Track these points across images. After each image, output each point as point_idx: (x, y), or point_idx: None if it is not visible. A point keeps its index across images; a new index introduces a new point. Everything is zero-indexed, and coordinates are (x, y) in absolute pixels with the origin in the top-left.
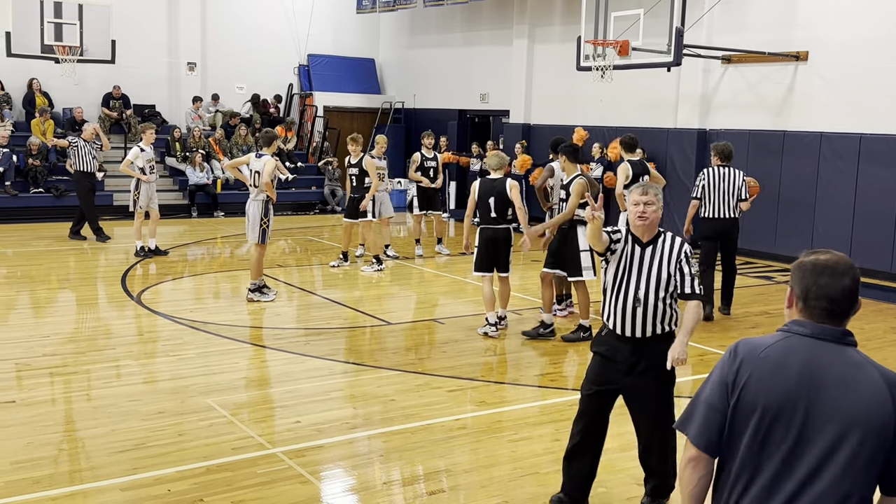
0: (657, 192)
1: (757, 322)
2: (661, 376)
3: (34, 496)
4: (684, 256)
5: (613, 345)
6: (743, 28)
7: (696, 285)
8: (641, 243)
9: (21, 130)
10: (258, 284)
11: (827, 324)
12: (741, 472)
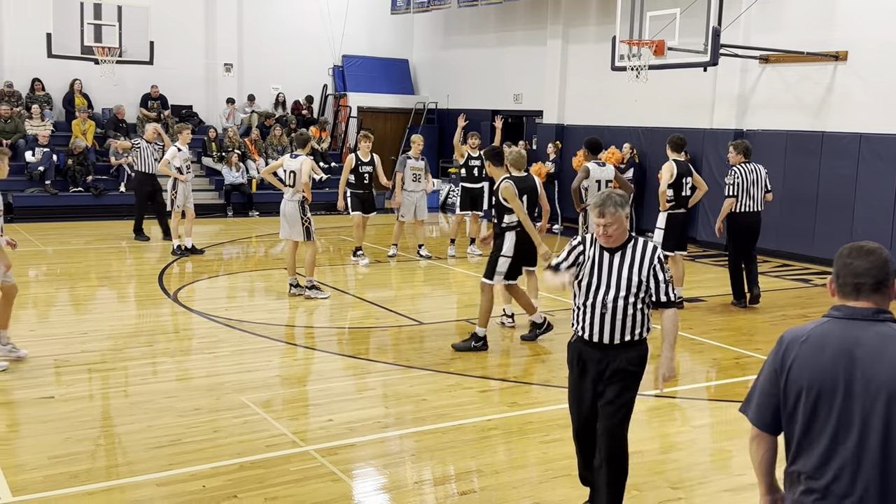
0: (615, 208)
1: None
2: (625, 385)
3: (72, 490)
4: (658, 263)
5: (582, 350)
6: (781, 27)
7: (671, 292)
8: (609, 249)
9: (61, 130)
10: (313, 282)
11: (859, 302)
12: (800, 446)
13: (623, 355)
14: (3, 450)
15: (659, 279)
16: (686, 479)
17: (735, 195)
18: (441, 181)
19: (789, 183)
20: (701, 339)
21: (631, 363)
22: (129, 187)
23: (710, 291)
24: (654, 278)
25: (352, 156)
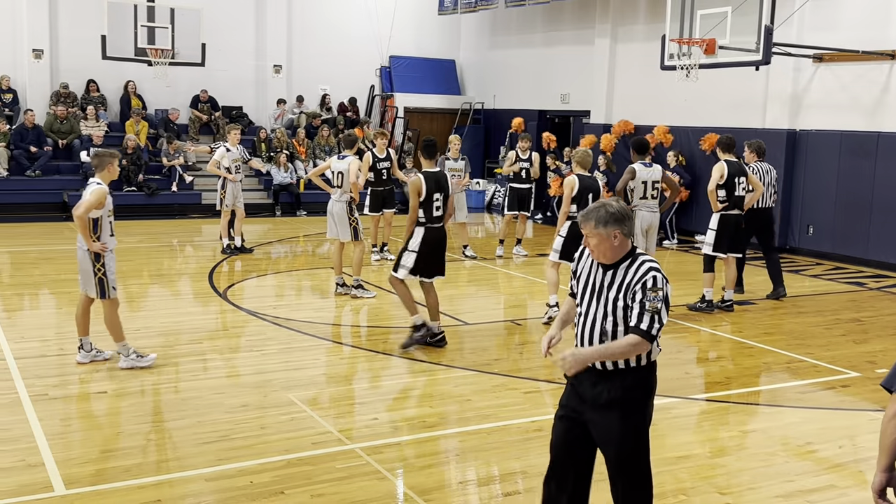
0: (596, 224)
1: (848, 329)
2: (627, 415)
3: (123, 484)
4: (641, 287)
5: (579, 373)
6: (835, 26)
7: (649, 322)
8: (605, 265)
9: (115, 131)
10: (360, 281)
11: None
12: None
13: (620, 383)
14: (57, 443)
15: (637, 301)
16: (734, 485)
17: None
18: (487, 181)
19: (843, 185)
20: (752, 342)
21: (626, 391)
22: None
23: (761, 294)
24: (633, 299)
25: (368, 154)
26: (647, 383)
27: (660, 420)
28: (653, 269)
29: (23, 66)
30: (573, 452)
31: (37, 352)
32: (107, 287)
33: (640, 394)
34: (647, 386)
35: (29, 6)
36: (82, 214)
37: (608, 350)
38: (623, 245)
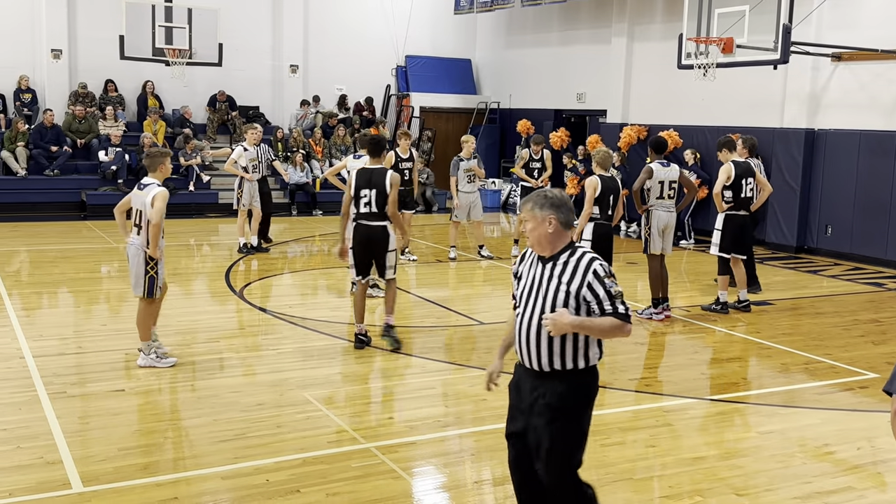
0: (534, 207)
1: (866, 330)
2: (558, 422)
3: (141, 482)
4: (593, 276)
5: (520, 375)
6: (854, 24)
7: (622, 306)
8: (543, 259)
9: (133, 130)
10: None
11: None
12: None
13: (556, 388)
14: (75, 441)
15: (598, 292)
16: (751, 486)
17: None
18: (502, 181)
19: (862, 184)
20: (769, 343)
21: (564, 398)
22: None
23: (778, 294)
24: (592, 291)
25: (391, 153)
26: (586, 389)
27: (676, 420)
28: (595, 258)
29: (42, 66)
30: (526, 470)
31: (55, 350)
32: (154, 286)
33: (574, 401)
34: (585, 392)
35: (48, 6)
36: (158, 222)
37: (592, 323)
38: (559, 235)
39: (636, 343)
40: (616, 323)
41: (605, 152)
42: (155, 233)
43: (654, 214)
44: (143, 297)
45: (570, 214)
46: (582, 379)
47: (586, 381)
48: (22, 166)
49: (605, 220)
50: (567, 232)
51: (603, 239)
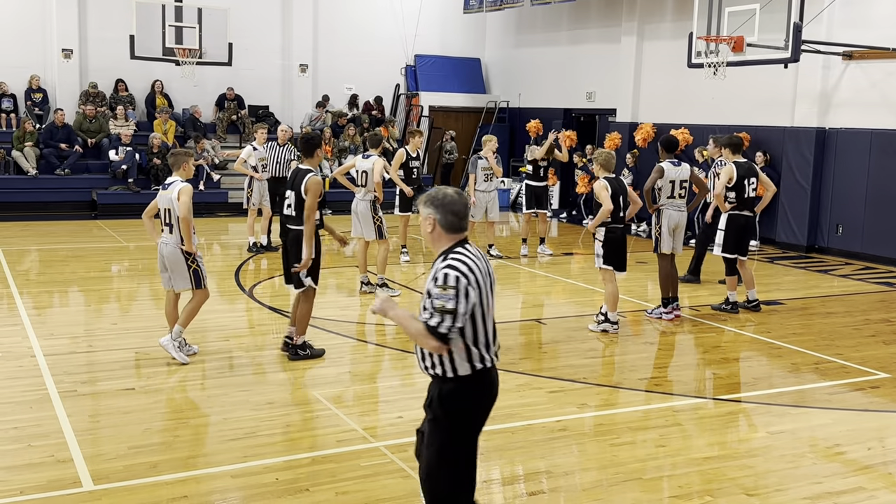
0: (421, 204)
1: (877, 330)
2: (434, 430)
3: (151, 480)
4: (433, 281)
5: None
6: (865, 23)
7: (435, 319)
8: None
9: (144, 130)
10: (384, 280)
11: None
12: None
13: (433, 393)
14: (86, 439)
15: (428, 297)
16: (761, 486)
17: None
18: (512, 180)
19: (873, 183)
20: (780, 343)
21: (434, 403)
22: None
23: (789, 294)
24: (427, 295)
25: (402, 150)
26: (463, 397)
27: (686, 420)
28: (451, 266)
29: (52, 65)
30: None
31: (66, 349)
32: (202, 277)
33: (446, 408)
34: (462, 401)
35: (58, 6)
36: (187, 216)
37: (407, 323)
38: (439, 236)
39: (646, 343)
40: (422, 331)
41: (607, 154)
42: (185, 227)
43: (665, 214)
44: (193, 288)
45: (454, 217)
46: (459, 386)
47: (463, 390)
48: (32, 166)
49: (617, 224)
50: (449, 234)
51: (617, 244)
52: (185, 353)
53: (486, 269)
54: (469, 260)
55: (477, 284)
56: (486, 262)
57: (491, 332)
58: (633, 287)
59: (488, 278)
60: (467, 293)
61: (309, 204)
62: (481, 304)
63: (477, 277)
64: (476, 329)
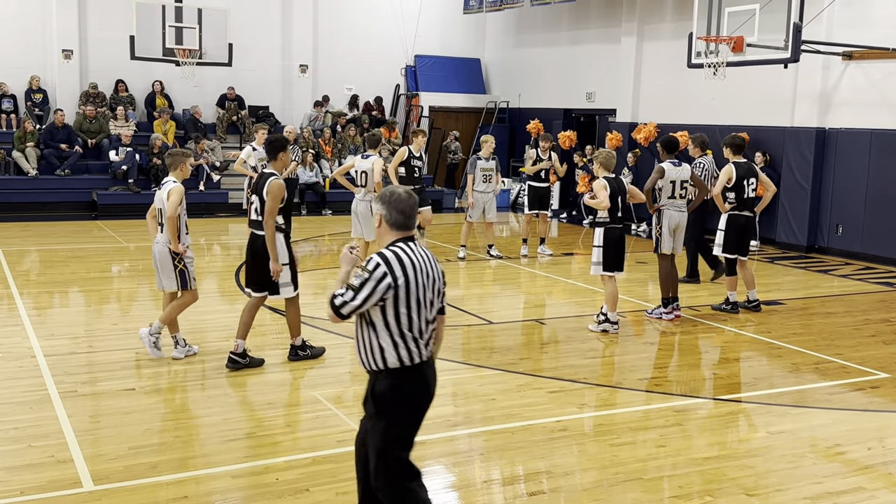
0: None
1: (877, 330)
2: (374, 418)
3: (151, 480)
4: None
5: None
6: (865, 23)
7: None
8: None
9: (144, 130)
10: None
11: None
12: None
13: (368, 387)
14: (86, 440)
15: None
16: (762, 486)
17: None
18: (512, 180)
19: (873, 184)
20: (780, 343)
21: (369, 399)
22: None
23: (789, 294)
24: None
25: (405, 148)
26: (394, 391)
27: (686, 420)
28: (380, 254)
29: (52, 66)
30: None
31: (66, 349)
32: (188, 278)
33: (383, 401)
34: (391, 394)
35: (58, 7)
36: (173, 215)
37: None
38: (385, 231)
39: (646, 343)
40: (329, 299)
41: (607, 153)
42: (171, 226)
43: (666, 214)
44: (179, 289)
45: (400, 216)
46: (389, 381)
47: (394, 384)
48: (33, 166)
49: (615, 224)
50: (393, 231)
51: (613, 243)
52: (184, 352)
53: (425, 270)
54: (403, 254)
55: (405, 279)
56: (429, 264)
57: (423, 330)
58: (633, 287)
59: (425, 278)
60: (379, 281)
61: (268, 208)
62: (408, 300)
63: (406, 272)
64: (401, 322)
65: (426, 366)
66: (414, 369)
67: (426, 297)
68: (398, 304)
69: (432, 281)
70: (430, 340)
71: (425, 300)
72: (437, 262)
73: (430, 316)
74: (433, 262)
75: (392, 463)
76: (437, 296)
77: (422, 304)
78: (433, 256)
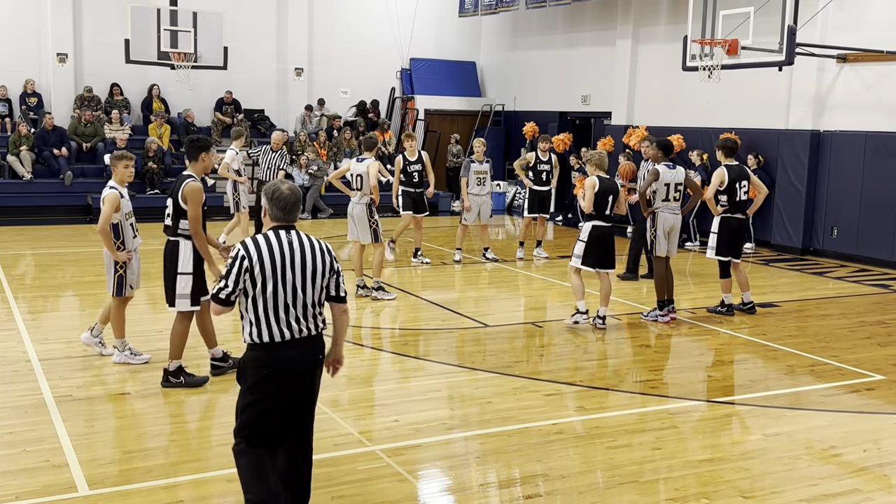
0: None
1: (872, 332)
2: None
3: (146, 485)
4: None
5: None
6: (860, 25)
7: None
8: None
9: (139, 134)
10: (380, 283)
11: None
12: None
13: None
14: (81, 444)
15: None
16: (758, 489)
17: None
18: (507, 183)
19: (868, 186)
20: (775, 345)
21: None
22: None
23: (784, 296)
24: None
25: (399, 157)
26: (249, 365)
27: (682, 423)
28: (242, 242)
29: (47, 69)
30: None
31: (61, 353)
32: (123, 286)
33: (238, 375)
34: (244, 366)
35: (53, 10)
36: (102, 227)
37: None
38: (268, 222)
39: (642, 345)
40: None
41: (599, 154)
42: (104, 238)
43: (661, 217)
44: (114, 295)
45: (279, 211)
46: (247, 354)
47: (248, 358)
48: (27, 170)
49: (604, 222)
50: (273, 223)
51: (600, 240)
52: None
53: (292, 255)
54: (265, 240)
55: (259, 261)
56: (303, 250)
57: (281, 312)
58: (628, 290)
59: (290, 262)
60: (239, 264)
61: (192, 214)
62: (264, 281)
63: (262, 255)
64: (258, 303)
65: (286, 346)
66: (265, 347)
67: (289, 280)
68: (255, 284)
69: (303, 266)
70: (301, 323)
71: (287, 283)
72: (323, 251)
73: (303, 300)
74: (314, 250)
75: (240, 429)
76: (314, 281)
77: (281, 286)
78: (320, 244)
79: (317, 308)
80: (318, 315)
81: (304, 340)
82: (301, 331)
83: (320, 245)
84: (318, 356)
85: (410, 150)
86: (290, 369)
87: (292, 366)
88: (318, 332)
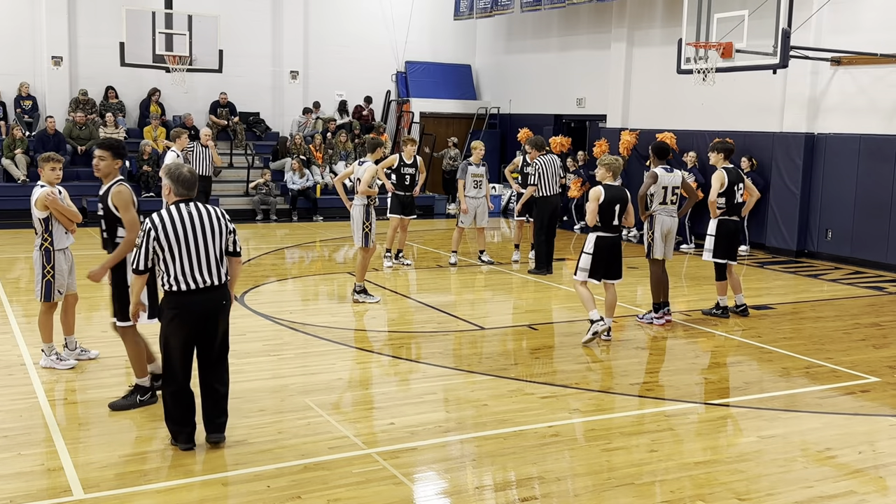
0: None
1: (867, 334)
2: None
3: (142, 488)
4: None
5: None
6: (853, 28)
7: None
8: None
9: (134, 137)
10: (362, 286)
11: None
12: None
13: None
14: (76, 447)
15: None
16: (753, 491)
17: (535, 184)
18: (503, 186)
19: (862, 188)
20: (770, 347)
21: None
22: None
23: (779, 298)
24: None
25: (395, 155)
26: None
27: (678, 425)
28: (149, 215)
29: (42, 72)
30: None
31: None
32: (52, 290)
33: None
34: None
35: (48, 14)
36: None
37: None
38: (170, 198)
39: (637, 348)
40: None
41: (613, 158)
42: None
43: (658, 219)
44: (42, 299)
45: (182, 188)
46: (163, 300)
47: (163, 302)
48: (22, 173)
49: (609, 233)
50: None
51: (606, 251)
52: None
53: (193, 221)
54: (165, 213)
55: (163, 227)
56: (204, 216)
57: (187, 267)
58: (624, 292)
59: (192, 227)
60: (149, 235)
61: (129, 219)
62: (170, 246)
63: (165, 223)
64: (166, 260)
65: (192, 293)
66: (176, 294)
67: (191, 241)
68: (163, 248)
69: (203, 229)
70: (205, 275)
71: (190, 244)
72: (219, 216)
73: (206, 256)
74: (210, 216)
75: (163, 361)
76: (214, 240)
77: (184, 246)
78: (216, 211)
79: (219, 262)
80: (219, 268)
81: (208, 289)
82: (205, 281)
83: (216, 212)
84: (223, 301)
85: (408, 154)
86: (195, 310)
87: (197, 307)
88: (222, 283)
